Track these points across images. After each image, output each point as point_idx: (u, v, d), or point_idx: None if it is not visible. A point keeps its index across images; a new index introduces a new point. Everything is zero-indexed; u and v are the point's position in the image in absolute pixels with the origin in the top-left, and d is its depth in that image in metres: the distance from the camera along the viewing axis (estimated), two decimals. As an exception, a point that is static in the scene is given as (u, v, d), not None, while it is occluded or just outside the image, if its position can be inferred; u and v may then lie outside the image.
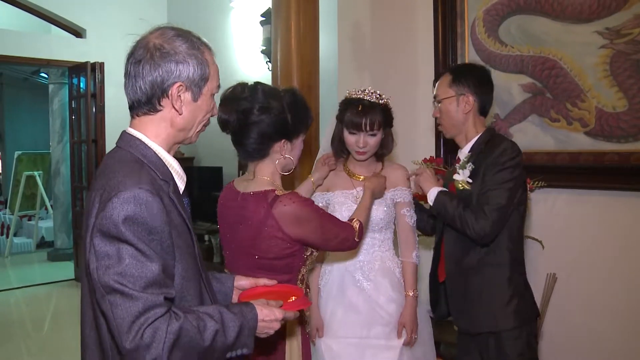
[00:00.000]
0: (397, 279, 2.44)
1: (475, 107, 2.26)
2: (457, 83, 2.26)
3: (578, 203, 2.83)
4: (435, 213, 2.29)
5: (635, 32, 2.62)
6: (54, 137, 8.20)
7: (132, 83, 1.40)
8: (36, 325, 5.69)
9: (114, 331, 1.21)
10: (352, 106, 2.35)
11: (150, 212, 1.25)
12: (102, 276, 1.22)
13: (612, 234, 2.67)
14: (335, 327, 2.39)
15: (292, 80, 3.45)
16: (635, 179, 2.62)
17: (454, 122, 2.29)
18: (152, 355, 1.19)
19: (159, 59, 1.36)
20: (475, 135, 2.27)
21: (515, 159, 2.13)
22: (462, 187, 2.20)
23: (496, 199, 2.08)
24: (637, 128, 2.63)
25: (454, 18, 3.30)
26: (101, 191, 1.29)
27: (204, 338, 1.27)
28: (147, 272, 1.22)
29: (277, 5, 3.59)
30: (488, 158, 2.15)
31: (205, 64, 1.42)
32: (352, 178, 2.48)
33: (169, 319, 1.23)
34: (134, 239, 1.23)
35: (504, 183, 2.09)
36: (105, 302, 1.21)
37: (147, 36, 1.40)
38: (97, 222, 1.24)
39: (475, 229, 2.09)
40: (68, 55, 7.07)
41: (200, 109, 1.45)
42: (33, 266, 8.34)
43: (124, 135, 1.44)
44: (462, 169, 2.21)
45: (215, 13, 6.54)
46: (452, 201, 2.17)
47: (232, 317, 1.35)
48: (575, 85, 2.82)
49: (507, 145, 2.15)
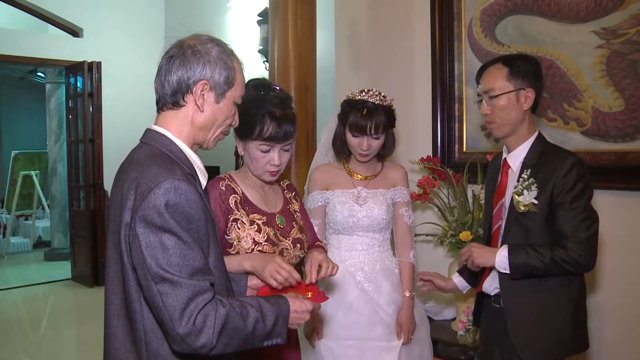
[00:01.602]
0: (397, 280, 2.45)
1: (532, 103, 2.06)
2: (516, 75, 2.03)
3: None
4: (520, 277, 2.00)
5: (631, 32, 2.63)
6: (50, 136, 8.19)
7: (161, 78, 1.47)
8: (33, 325, 5.68)
9: (164, 318, 1.26)
10: (356, 108, 2.34)
11: (190, 202, 1.32)
12: (150, 266, 1.27)
13: (609, 234, 2.67)
14: (336, 328, 2.38)
15: (289, 80, 3.45)
16: (632, 179, 2.62)
17: (511, 120, 2.05)
18: (202, 340, 1.26)
19: (190, 56, 1.44)
20: (528, 136, 2.08)
21: (586, 177, 1.96)
22: (525, 208, 2.00)
23: (584, 228, 1.92)
24: (634, 128, 2.64)
25: (451, 18, 3.30)
26: (136, 183, 1.34)
27: (246, 324, 1.33)
28: (191, 260, 1.29)
29: (274, 5, 3.59)
30: (552, 175, 1.97)
31: (233, 70, 1.49)
32: (352, 177, 2.48)
33: (216, 304, 1.29)
34: (177, 228, 1.29)
35: (584, 210, 1.94)
36: (154, 291, 1.27)
37: (184, 38, 1.50)
38: (140, 213, 1.29)
39: (580, 266, 1.93)
40: (65, 54, 7.07)
41: (221, 111, 1.50)
42: (30, 266, 8.33)
43: (149, 132, 1.50)
44: (527, 190, 1.99)
45: (212, 13, 6.54)
46: (529, 254, 1.94)
47: (269, 307, 1.42)
48: (572, 85, 2.83)
49: (573, 161, 1.96)
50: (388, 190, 2.46)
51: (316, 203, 2.46)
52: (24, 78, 10.02)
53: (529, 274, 1.96)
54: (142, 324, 1.37)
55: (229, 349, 1.32)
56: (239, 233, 1.91)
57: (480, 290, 2.22)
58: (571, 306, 2.02)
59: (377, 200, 2.42)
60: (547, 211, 1.99)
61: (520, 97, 2.03)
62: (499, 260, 1.99)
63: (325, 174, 2.50)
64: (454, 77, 3.29)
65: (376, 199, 2.43)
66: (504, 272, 2.00)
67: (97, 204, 6.84)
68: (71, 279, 7.13)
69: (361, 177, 2.47)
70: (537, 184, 1.99)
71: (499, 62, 2.08)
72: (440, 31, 3.32)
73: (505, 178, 2.16)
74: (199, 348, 1.27)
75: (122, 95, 7.11)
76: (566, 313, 2.01)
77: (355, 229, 2.41)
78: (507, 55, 2.18)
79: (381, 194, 2.45)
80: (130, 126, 6.96)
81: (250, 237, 1.91)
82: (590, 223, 1.94)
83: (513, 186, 2.07)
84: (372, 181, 2.48)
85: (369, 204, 2.41)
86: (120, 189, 1.40)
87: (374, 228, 2.42)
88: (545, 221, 2.00)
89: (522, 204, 2.00)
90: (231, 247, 1.91)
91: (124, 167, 1.46)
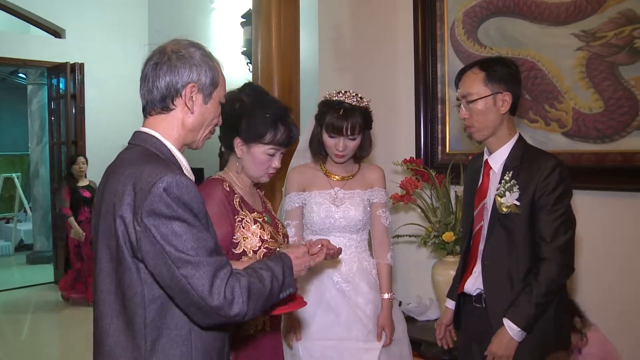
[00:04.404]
0: (374, 280, 2.46)
1: (510, 106, 2.07)
2: (492, 80, 2.04)
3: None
4: (534, 323, 2.01)
5: (610, 35, 2.66)
6: (32, 138, 8.10)
7: (147, 85, 1.50)
8: (15, 329, 5.61)
9: (193, 298, 1.32)
10: (333, 109, 2.35)
11: (191, 194, 1.37)
12: (170, 253, 1.32)
13: (589, 234, 2.70)
14: (315, 329, 2.38)
15: (273, 81, 3.45)
16: (612, 179, 2.66)
17: (489, 124, 2.07)
18: (236, 310, 1.34)
19: (176, 61, 1.48)
20: (508, 138, 2.10)
21: (567, 179, 2.00)
22: (507, 210, 2.02)
23: (563, 232, 1.98)
24: (613, 129, 2.67)
25: (433, 20, 3.31)
26: (132, 179, 1.37)
27: (265, 286, 1.43)
28: (204, 242, 1.35)
29: (257, 7, 3.59)
30: (534, 177, 1.99)
31: (216, 71, 1.54)
32: (329, 178, 2.48)
33: (237, 276, 1.37)
34: (186, 215, 1.34)
35: (565, 213, 1.98)
36: (178, 277, 1.32)
37: (164, 45, 1.53)
38: (147, 208, 1.33)
39: (565, 273, 2.01)
40: (47, 55, 7.01)
41: (209, 111, 1.55)
42: (12, 269, 8.24)
43: (138, 134, 1.53)
44: (509, 191, 2.01)
45: (196, 14, 6.52)
46: (529, 306, 1.97)
47: (275, 263, 1.51)
48: (553, 86, 2.86)
49: (555, 163, 2.00)
50: (365, 191, 2.47)
51: (293, 204, 2.46)
52: (5, 79, 9.93)
53: (540, 313, 1.99)
54: (143, 317, 1.40)
55: (257, 312, 1.42)
56: (244, 232, 1.94)
57: (462, 291, 2.24)
58: (553, 306, 2.04)
59: (354, 201, 2.43)
60: (529, 213, 2.01)
61: (497, 101, 2.04)
62: (515, 336, 1.99)
63: (302, 175, 2.50)
64: (436, 78, 3.31)
65: (353, 199, 2.44)
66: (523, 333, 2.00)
67: (79, 206, 6.77)
68: (54, 283, 7.05)
69: (338, 177, 2.47)
70: (519, 185, 2.01)
71: (476, 67, 2.10)
72: (423, 33, 3.34)
73: (486, 179, 2.17)
74: (233, 317, 1.35)
75: (105, 96, 7.06)
76: (548, 312, 2.04)
77: (332, 229, 2.42)
78: (484, 59, 2.19)
79: (358, 195, 2.46)
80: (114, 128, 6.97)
81: (256, 235, 1.96)
82: (568, 227, 2.00)
83: (495, 188, 2.09)
84: (349, 182, 2.48)
85: (346, 204, 2.42)
86: (113, 187, 1.41)
87: (351, 229, 2.43)
88: (527, 223, 2.02)
89: (504, 206, 2.02)
90: (236, 247, 1.93)
91: (114, 168, 1.47)
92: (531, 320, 1.98)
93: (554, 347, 2.12)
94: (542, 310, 2.00)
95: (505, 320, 2.01)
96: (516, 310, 1.99)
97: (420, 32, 3.35)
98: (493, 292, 2.09)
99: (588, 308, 2.70)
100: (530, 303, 1.97)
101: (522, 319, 1.98)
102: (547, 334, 2.05)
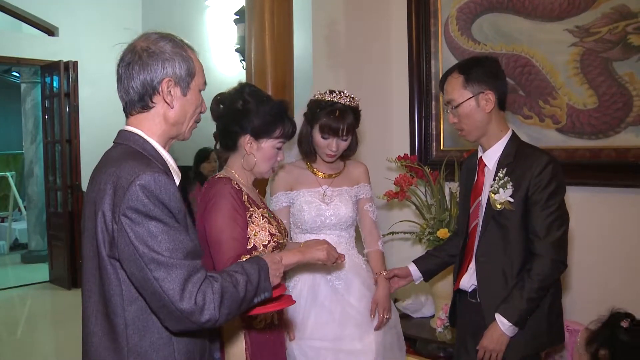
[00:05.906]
0: (366, 275, 2.46)
1: (496, 103, 2.07)
2: (471, 81, 2.06)
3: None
4: (527, 318, 2.03)
5: (603, 31, 2.66)
6: (26, 137, 8.07)
7: (124, 85, 1.49)
8: (10, 328, 5.59)
9: (164, 302, 1.30)
10: (327, 110, 2.34)
11: (169, 193, 1.36)
12: (143, 254, 1.30)
13: (583, 229, 2.70)
14: (309, 329, 2.36)
15: (267, 79, 3.43)
16: (606, 175, 2.66)
17: (477, 125, 2.09)
18: (207, 317, 1.32)
19: (147, 59, 1.46)
20: (500, 134, 2.11)
21: (560, 175, 2.01)
22: (501, 206, 2.03)
23: (555, 227, 1.99)
24: (607, 125, 2.67)
25: (427, 16, 3.31)
26: (113, 178, 1.36)
27: (238, 290, 1.42)
28: (180, 243, 1.34)
29: (251, 4, 3.57)
30: (527, 173, 2.00)
31: (190, 60, 1.52)
32: (316, 176, 2.48)
33: (210, 281, 1.36)
34: (162, 215, 1.33)
35: (558, 209, 1.99)
36: (150, 279, 1.30)
37: (134, 42, 1.52)
38: (123, 206, 1.31)
39: (557, 269, 2.02)
40: (40, 53, 6.96)
41: (190, 103, 1.54)
42: (6, 269, 8.20)
43: (122, 133, 1.52)
44: (502, 188, 2.02)
45: (190, 12, 6.49)
46: (520, 301, 1.98)
47: (250, 266, 1.51)
48: (547, 82, 2.86)
49: (547, 160, 2.00)
50: (352, 188, 2.49)
51: (281, 204, 2.45)
52: (-2, 78, 9.88)
53: (532, 309, 2.01)
54: (123, 317, 1.39)
55: (230, 317, 1.41)
56: (254, 228, 1.98)
57: (458, 288, 2.24)
58: (547, 300, 2.06)
59: (343, 198, 2.44)
60: (522, 209, 2.02)
61: (480, 101, 2.06)
62: (507, 331, 2.01)
63: (289, 174, 2.49)
64: (430, 75, 3.31)
65: (342, 197, 2.45)
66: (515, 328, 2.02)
67: (75, 205, 6.75)
68: (49, 282, 7.04)
69: (325, 175, 2.48)
70: (512, 182, 2.02)
71: (455, 71, 2.12)
72: (417, 29, 3.34)
73: (481, 176, 2.18)
74: (204, 323, 1.33)
75: (99, 95, 6.99)
76: (541, 307, 2.05)
77: (322, 227, 2.42)
78: (462, 61, 2.21)
79: (346, 192, 2.48)
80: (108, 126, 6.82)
81: (265, 229, 2.00)
82: (562, 223, 2.01)
83: (489, 185, 2.10)
84: (336, 179, 2.49)
85: (336, 202, 2.43)
86: (97, 186, 1.41)
87: (341, 226, 2.44)
88: (521, 219, 2.04)
89: (498, 202, 2.03)
90: (247, 243, 1.97)
91: (99, 167, 1.48)
92: (523, 315, 1.99)
93: (547, 342, 2.15)
94: (535, 306, 2.01)
95: (497, 315, 2.02)
96: (508, 306, 2.01)
97: (414, 29, 3.35)
98: (487, 288, 2.11)
99: (581, 305, 2.71)
100: (522, 298, 1.98)
101: (514, 314, 1.99)
102: (540, 329, 2.06)
